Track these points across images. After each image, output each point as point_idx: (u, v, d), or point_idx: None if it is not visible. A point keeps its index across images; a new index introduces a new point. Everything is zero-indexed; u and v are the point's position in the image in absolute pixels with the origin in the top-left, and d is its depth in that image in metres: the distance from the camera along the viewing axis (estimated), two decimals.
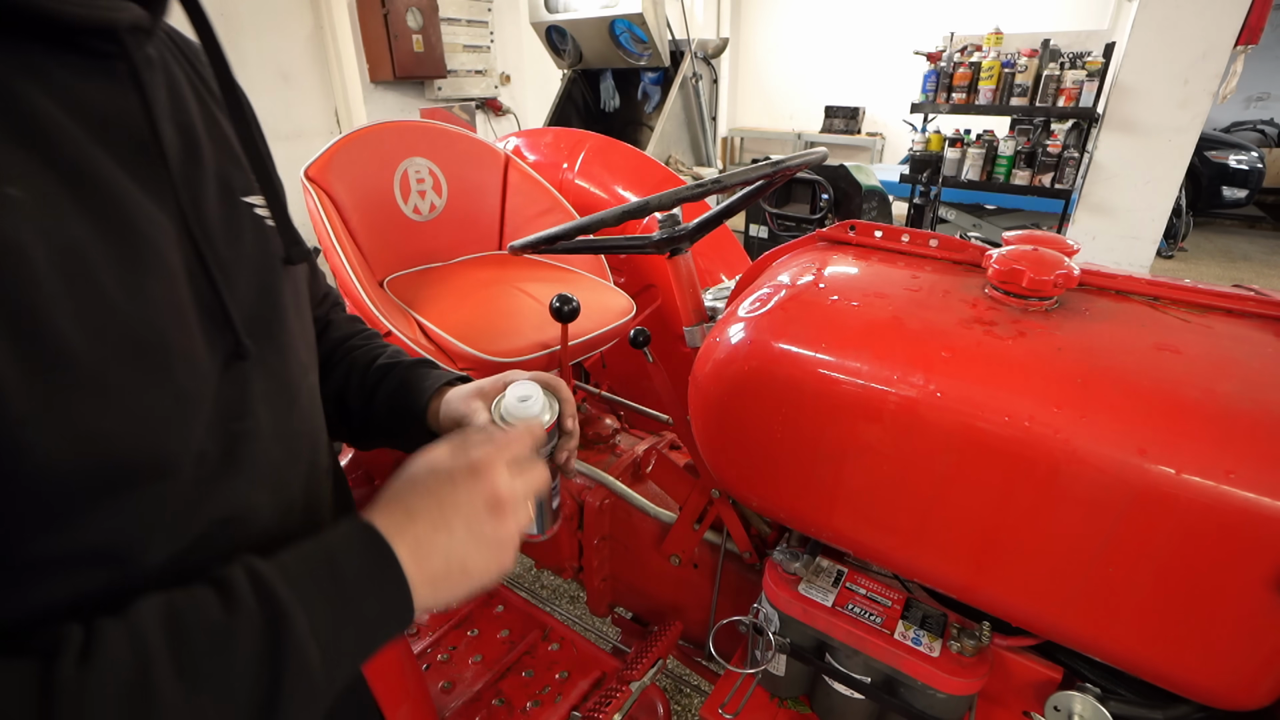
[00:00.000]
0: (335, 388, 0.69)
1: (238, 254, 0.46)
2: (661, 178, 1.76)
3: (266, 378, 0.46)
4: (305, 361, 0.53)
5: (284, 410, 0.48)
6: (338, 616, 0.40)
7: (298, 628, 0.38)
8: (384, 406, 0.66)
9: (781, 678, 0.88)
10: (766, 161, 0.87)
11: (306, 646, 0.38)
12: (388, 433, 0.68)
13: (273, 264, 0.50)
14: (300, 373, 0.52)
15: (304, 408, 0.52)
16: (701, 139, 3.91)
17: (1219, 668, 0.57)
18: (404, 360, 0.70)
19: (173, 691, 0.33)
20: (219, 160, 0.47)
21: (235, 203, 0.47)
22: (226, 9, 2.96)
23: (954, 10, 6.04)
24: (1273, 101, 7.43)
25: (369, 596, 0.41)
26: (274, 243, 0.51)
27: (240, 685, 0.36)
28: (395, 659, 0.79)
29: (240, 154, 0.49)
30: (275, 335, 0.48)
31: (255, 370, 0.45)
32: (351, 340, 0.73)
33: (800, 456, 0.73)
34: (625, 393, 1.70)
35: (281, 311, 0.50)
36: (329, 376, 0.69)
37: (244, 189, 0.49)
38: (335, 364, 0.70)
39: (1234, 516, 0.51)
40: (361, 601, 0.41)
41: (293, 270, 0.53)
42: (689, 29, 4.10)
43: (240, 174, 0.49)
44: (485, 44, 3.85)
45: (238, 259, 0.46)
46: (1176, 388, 0.56)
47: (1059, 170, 3.81)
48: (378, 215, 1.39)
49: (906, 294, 0.72)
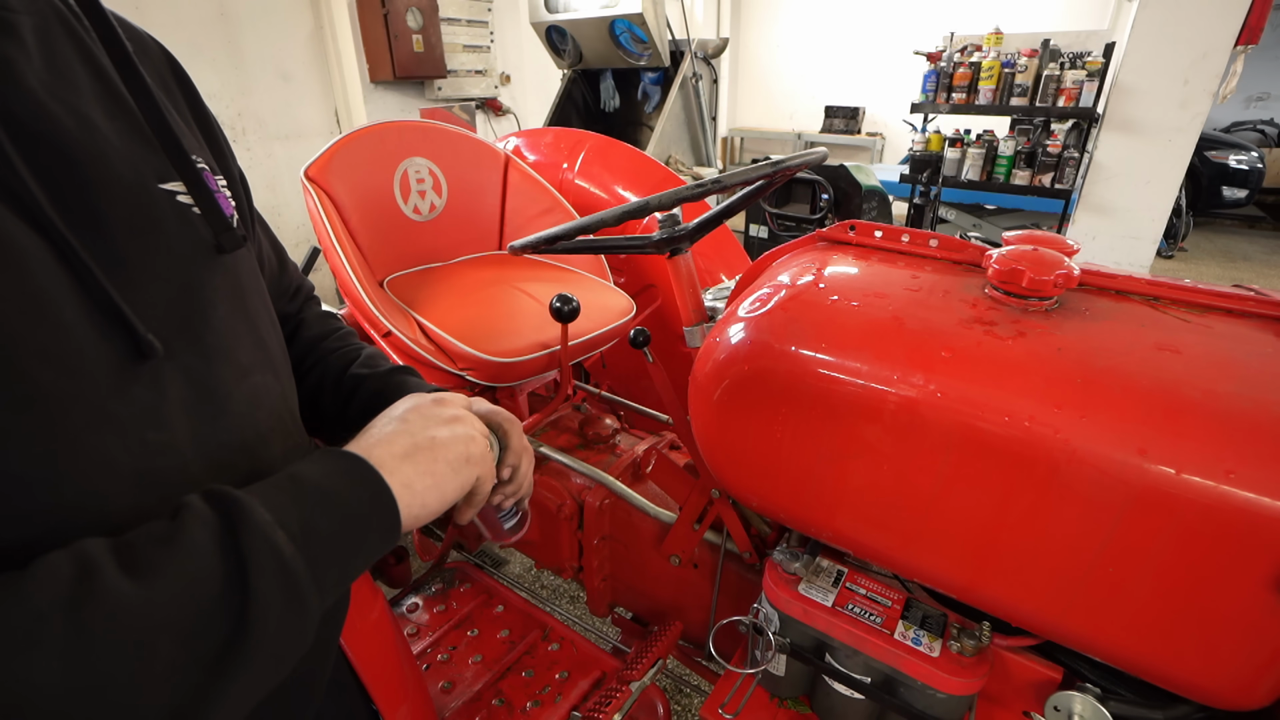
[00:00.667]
0: (310, 391, 0.67)
1: (145, 245, 0.42)
2: (661, 178, 1.76)
3: (186, 383, 0.42)
4: (248, 362, 0.49)
5: (209, 419, 0.44)
6: (310, 512, 0.40)
7: (255, 515, 0.37)
8: (358, 414, 0.64)
9: (781, 678, 0.88)
10: (766, 161, 0.87)
11: (270, 531, 0.37)
12: None
13: (197, 256, 0.45)
14: (235, 376, 0.47)
15: (239, 415, 0.46)
16: (701, 139, 3.91)
17: (1219, 668, 0.57)
18: (380, 368, 0.68)
19: (121, 585, 0.32)
20: (130, 145, 0.43)
21: (150, 191, 0.43)
22: (226, 9, 2.96)
23: (954, 10, 6.04)
24: (1273, 101, 7.43)
25: (343, 490, 0.42)
26: (200, 232, 0.46)
27: (199, 573, 0.34)
28: (395, 659, 0.79)
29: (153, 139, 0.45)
30: (199, 335, 0.44)
31: (171, 374, 0.41)
32: (326, 342, 0.70)
33: (800, 456, 0.73)
34: (625, 393, 1.70)
35: (207, 307, 0.45)
36: (304, 378, 0.67)
37: (161, 176, 0.44)
38: (310, 367, 0.68)
39: (1234, 516, 0.51)
40: (335, 497, 0.42)
41: (229, 261, 0.48)
42: (689, 29, 4.10)
43: (157, 159, 0.45)
44: (485, 44, 3.85)
45: (145, 250, 0.42)
46: (1176, 388, 0.56)
47: (1059, 170, 3.81)
48: (378, 215, 1.39)
49: (906, 294, 0.72)
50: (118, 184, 0.41)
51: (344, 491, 0.42)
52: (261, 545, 0.36)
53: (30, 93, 0.37)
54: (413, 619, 1.25)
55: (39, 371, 0.34)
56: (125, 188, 0.41)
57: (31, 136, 0.37)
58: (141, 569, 0.33)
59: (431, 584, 1.34)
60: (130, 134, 0.44)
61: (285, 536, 0.37)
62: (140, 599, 0.32)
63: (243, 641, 0.35)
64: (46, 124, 0.38)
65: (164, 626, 0.32)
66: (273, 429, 0.51)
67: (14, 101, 0.36)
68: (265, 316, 0.54)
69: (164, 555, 0.34)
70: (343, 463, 0.44)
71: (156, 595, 0.32)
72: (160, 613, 0.32)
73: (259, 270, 0.57)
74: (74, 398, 0.36)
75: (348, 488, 0.43)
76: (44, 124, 0.38)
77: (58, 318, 0.35)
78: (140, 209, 0.42)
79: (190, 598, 0.34)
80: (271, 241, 0.68)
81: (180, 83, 0.52)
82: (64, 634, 0.29)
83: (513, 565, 1.99)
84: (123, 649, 0.31)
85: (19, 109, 0.37)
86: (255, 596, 0.35)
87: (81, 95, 0.41)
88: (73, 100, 0.40)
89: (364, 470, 0.44)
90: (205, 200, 0.46)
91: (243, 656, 0.35)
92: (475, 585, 1.34)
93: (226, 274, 0.48)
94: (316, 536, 0.39)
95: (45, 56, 0.40)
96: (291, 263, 0.73)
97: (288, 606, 0.37)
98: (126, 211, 0.41)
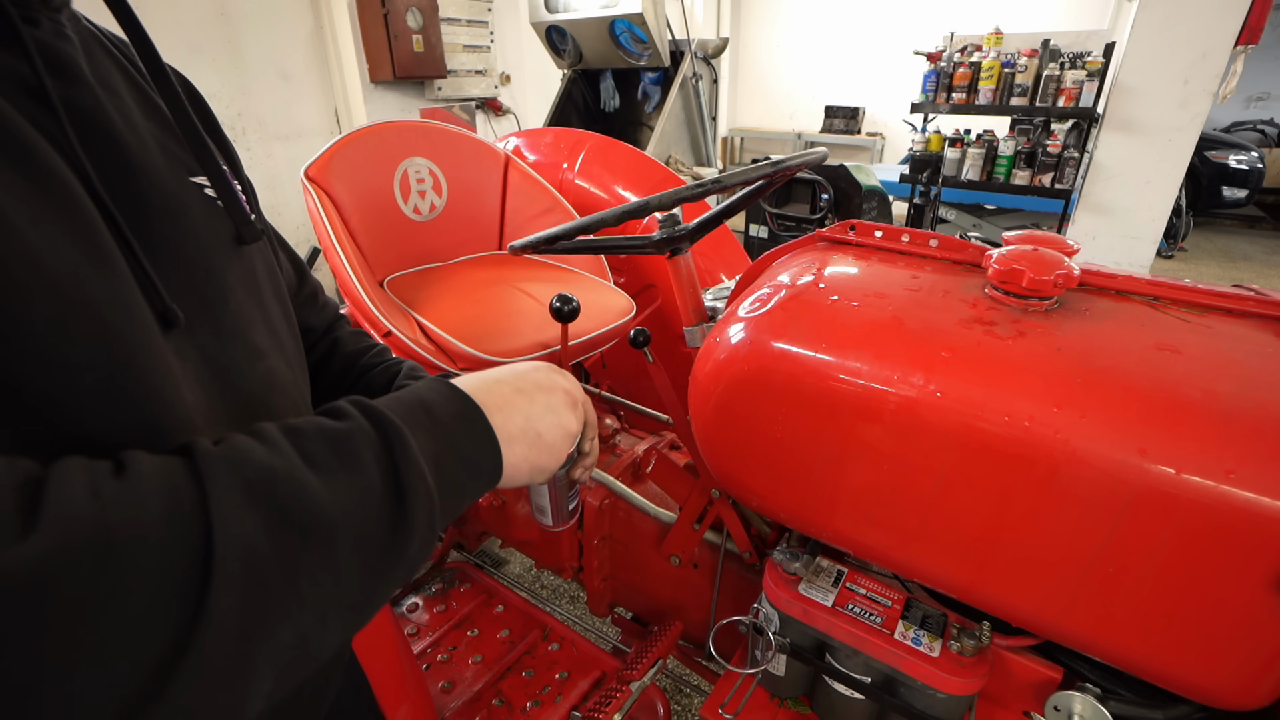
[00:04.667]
0: None
1: (177, 227, 0.46)
2: (661, 178, 1.76)
3: (200, 359, 0.45)
4: (262, 346, 0.52)
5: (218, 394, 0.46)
6: (440, 449, 0.43)
7: (412, 445, 0.40)
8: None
9: (781, 678, 0.88)
10: (766, 161, 0.87)
11: (423, 465, 0.40)
12: None
13: (220, 244, 0.49)
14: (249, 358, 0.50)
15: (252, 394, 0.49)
16: (701, 139, 3.91)
17: (1219, 668, 0.57)
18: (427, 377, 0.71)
19: (309, 479, 0.35)
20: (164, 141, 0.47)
21: (182, 182, 0.47)
22: (226, 8, 2.96)
23: (954, 10, 6.04)
24: (1273, 101, 7.43)
25: (464, 437, 0.45)
26: (224, 224, 0.50)
27: (368, 488, 0.37)
28: (395, 659, 0.79)
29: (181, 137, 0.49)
30: (217, 316, 0.47)
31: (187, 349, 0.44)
32: (366, 358, 0.74)
33: (800, 456, 0.73)
34: (625, 393, 1.70)
35: (226, 291, 0.49)
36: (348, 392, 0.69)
37: (191, 169, 0.49)
38: (354, 381, 0.71)
39: (1234, 516, 0.51)
40: (458, 440, 0.44)
41: (247, 252, 0.52)
42: (689, 29, 4.11)
43: (187, 156, 0.49)
44: (485, 44, 3.85)
45: (176, 231, 0.45)
46: (1176, 388, 0.56)
47: (1059, 170, 3.81)
48: (378, 215, 1.39)
49: (906, 294, 0.72)
50: (155, 172, 0.45)
51: (469, 455, 0.45)
52: (418, 482, 0.39)
53: (89, 88, 0.42)
54: (413, 619, 1.26)
55: (110, 313, 0.37)
56: (161, 176, 0.45)
57: (89, 124, 0.41)
58: (317, 464, 0.36)
59: (432, 584, 1.34)
60: (163, 132, 0.48)
61: (432, 472, 0.41)
62: (321, 488, 0.35)
63: (396, 559, 0.38)
64: (100, 114, 0.42)
65: (343, 528, 0.36)
66: (286, 411, 0.53)
67: (75, 94, 0.41)
68: (279, 309, 0.57)
69: (339, 462, 0.37)
70: (478, 424, 0.47)
71: (336, 496, 0.36)
72: (340, 514, 0.36)
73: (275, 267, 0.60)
74: (136, 345, 0.38)
75: (472, 450, 0.46)
76: (99, 114, 0.42)
77: (120, 270, 0.38)
78: (173, 196, 0.46)
79: (361, 510, 0.37)
80: (290, 256, 0.71)
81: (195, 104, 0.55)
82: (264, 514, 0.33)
83: (513, 565, 1.99)
84: (316, 539, 0.34)
85: (79, 100, 0.41)
86: (411, 529, 0.39)
87: (124, 99, 0.46)
88: (117, 99, 0.45)
89: (490, 444, 0.47)
90: (227, 194, 0.51)
91: (393, 574, 0.39)
92: (475, 585, 1.34)
93: (244, 263, 0.52)
94: (445, 479, 0.43)
95: (92, 65, 0.44)
96: (313, 277, 0.75)
97: (426, 540, 0.41)
98: (161, 198, 0.45)
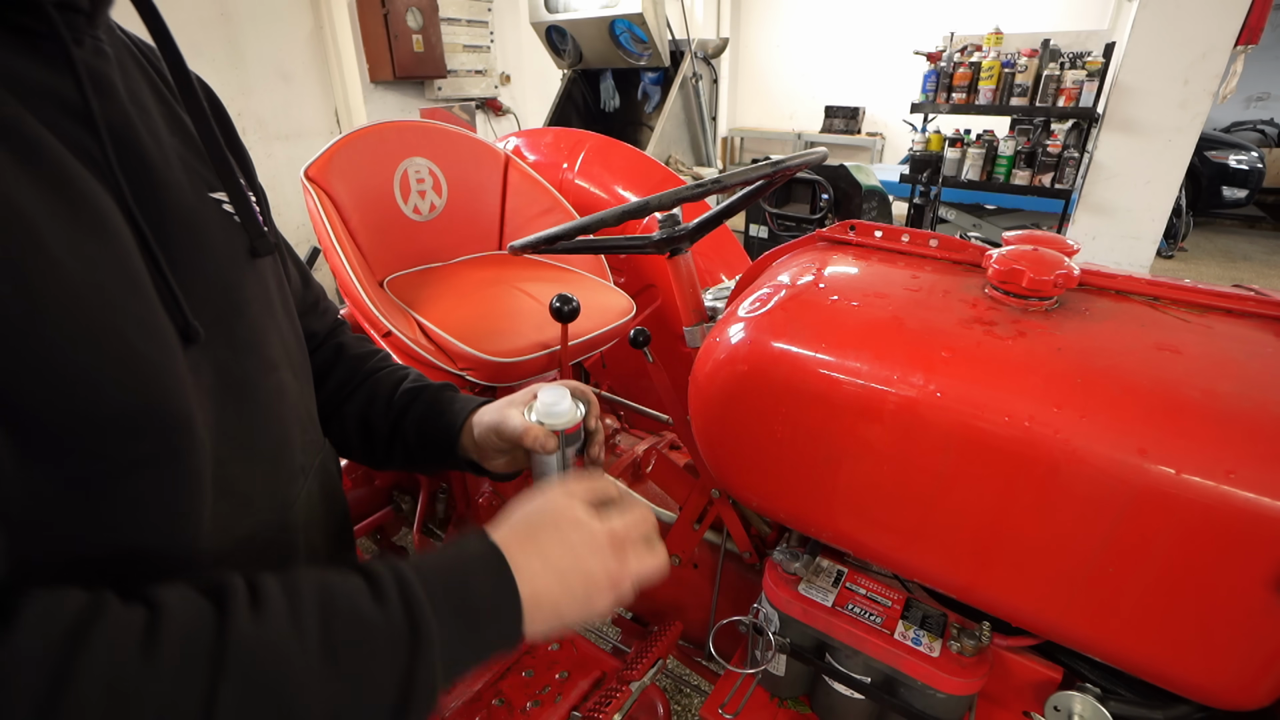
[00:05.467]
0: (359, 409, 0.71)
1: (197, 242, 0.46)
2: (661, 178, 1.76)
3: (214, 372, 0.46)
4: (274, 358, 0.53)
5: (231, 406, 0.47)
6: (463, 642, 0.42)
7: (433, 648, 0.40)
8: (413, 428, 0.69)
9: (781, 678, 0.88)
10: (766, 161, 0.87)
11: (436, 668, 0.40)
12: (413, 454, 0.71)
13: (236, 258, 0.50)
14: (262, 370, 0.51)
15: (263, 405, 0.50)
16: (701, 139, 3.91)
17: (1219, 668, 0.57)
18: (430, 384, 0.73)
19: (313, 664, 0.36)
20: (186, 157, 0.48)
21: (202, 197, 0.49)
22: (227, 9, 2.96)
23: (954, 10, 6.04)
24: (1273, 101, 7.42)
25: (491, 624, 0.44)
26: (240, 238, 0.51)
27: (375, 685, 0.38)
28: None
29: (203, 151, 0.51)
30: (232, 329, 0.48)
31: (202, 363, 0.44)
32: (370, 362, 0.74)
33: (800, 456, 0.73)
34: (625, 393, 1.70)
35: (241, 304, 0.50)
36: (350, 398, 0.72)
37: (211, 185, 0.50)
38: (358, 385, 0.72)
39: (1234, 516, 0.51)
40: (484, 628, 0.43)
41: (262, 265, 0.54)
42: (689, 29, 4.11)
43: (207, 171, 0.50)
44: (485, 44, 3.85)
45: (196, 247, 0.46)
46: (1176, 388, 0.56)
47: (1059, 170, 3.81)
48: (378, 215, 1.39)
49: (906, 294, 0.72)
50: (178, 188, 0.46)
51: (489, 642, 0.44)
52: (426, 693, 0.40)
53: (122, 105, 0.44)
54: None
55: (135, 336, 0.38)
56: (183, 192, 0.47)
57: (122, 142, 0.42)
58: (336, 660, 0.37)
59: None
60: (186, 148, 0.49)
61: (443, 672, 0.41)
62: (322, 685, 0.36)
63: None
64: (131, 133, 0.44)
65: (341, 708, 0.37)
66: (294, 421, 0.55)
67: (112, 113, 0.43)
68: (288, 321, 0.58)
69: (358, 662, 0.38)
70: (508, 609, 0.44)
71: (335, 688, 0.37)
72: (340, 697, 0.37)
73: (285, 279, 0.61)
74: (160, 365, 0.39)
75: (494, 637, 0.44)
76: (130, 132, 0.44)
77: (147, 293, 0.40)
78: (194, 212, 0.47)
79: (360, 712, 0.38)
80: (295, 260, 0.71)
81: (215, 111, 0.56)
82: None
83: None
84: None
85: (114, 119, 0.43)
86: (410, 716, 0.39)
87: (151, 114, 0.47)
88: (145, 114, 0.46)
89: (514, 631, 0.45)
90: (244, 209, 0.52)
91: None
92: None
93: (259, 277, 0.53)
94: (454, 675, 0.42)
95: (125, 80, 0.45)
96: (316, 283, 0.76)
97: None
98: (183, 214, 0.46)
